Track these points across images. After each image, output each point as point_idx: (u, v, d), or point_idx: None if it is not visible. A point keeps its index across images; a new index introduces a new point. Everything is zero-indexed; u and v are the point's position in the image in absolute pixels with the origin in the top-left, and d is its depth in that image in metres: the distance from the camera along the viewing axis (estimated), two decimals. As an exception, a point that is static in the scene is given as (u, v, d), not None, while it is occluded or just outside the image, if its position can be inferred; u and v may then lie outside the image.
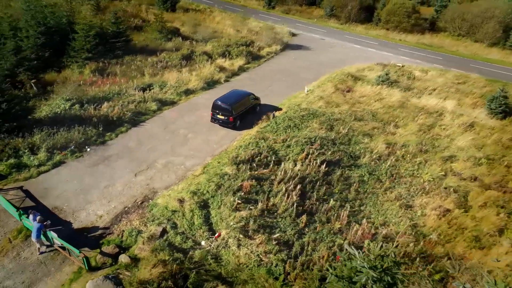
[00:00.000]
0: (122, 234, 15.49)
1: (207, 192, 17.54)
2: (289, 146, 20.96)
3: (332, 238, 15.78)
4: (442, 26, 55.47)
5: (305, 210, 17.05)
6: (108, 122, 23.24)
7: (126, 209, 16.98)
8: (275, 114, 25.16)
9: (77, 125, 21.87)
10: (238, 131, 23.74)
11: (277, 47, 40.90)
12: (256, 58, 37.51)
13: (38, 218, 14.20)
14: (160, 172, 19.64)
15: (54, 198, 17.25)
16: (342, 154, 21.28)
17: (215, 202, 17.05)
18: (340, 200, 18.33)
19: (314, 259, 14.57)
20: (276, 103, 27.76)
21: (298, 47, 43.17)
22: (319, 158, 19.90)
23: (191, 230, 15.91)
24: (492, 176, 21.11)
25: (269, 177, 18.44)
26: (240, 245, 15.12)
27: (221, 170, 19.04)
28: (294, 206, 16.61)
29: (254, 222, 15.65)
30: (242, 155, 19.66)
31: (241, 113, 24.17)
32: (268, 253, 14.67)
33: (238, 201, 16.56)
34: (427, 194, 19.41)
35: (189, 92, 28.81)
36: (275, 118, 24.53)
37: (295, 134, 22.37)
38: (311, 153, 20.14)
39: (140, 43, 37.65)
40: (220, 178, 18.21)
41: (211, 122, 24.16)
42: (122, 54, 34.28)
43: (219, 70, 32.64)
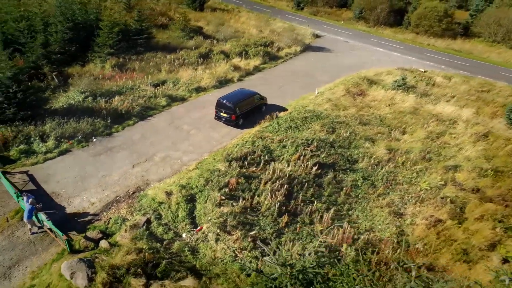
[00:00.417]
0: (109, 221, 16.29)
1: (196, 186, 18.04)
2: (284, 146, 21.08)
3: (310, 240, 15.81)
4: (476, 31, 53.20)
5: (288, 210, 17.15)
6: (117, 115, 24.31)
7: (118, 198, 17.80)
8: (278, 115, 25.28)
9: (86, 116, 23.07)
10: (240, 130, 24.10)
11: (297, 48, 40.89)
12: (273, 59, 37.72)
13: (30, 200, 15.23)
14: (156, 165, 20.37)
15: (54, 183, 18.36)
16: (339, 158, 21.12)
17: (202, 197, 17.52)
18: (328, 203, 18.26)
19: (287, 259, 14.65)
20: (284, 104, 27.89)
21: (320, 49, 42.92)
22: (312, 160, 19.87)
23: (174, 222, 16.46)
24: (496, 188, 20.22)
25: (258, 175, 18.67)
26: (218, 239, 15.49)
27: (214, 166, 19.49)
28: (276, 205, 16.74)
29: (233, 218, 15.97)
30: (236, 153, 20.00)
31: (245, 112, 24.50)
32: (243, 249, 14.96)
33: (222, 197, 16.93)
34: (422, 203, 18.92)
35: (200, 89, 29.52)
36: (278, 118, 24.67)
37: (295, 135, 22.42)
38: (304, 154, 20.14)
39: (163, 41, 38.85)
40: (210, 174, 18.67)
41: (215, 119, 24.67)
42: (144, 50, 35.55)
43: (234, 69, 33.14)
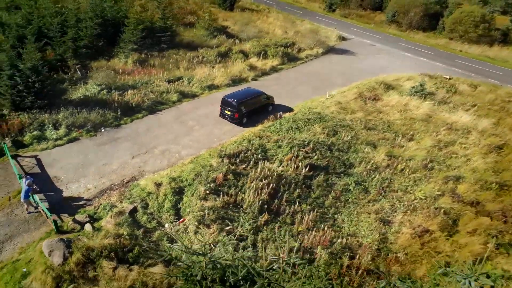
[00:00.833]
0: (99, 207, 17.25)
1: (186, 180, 18.66)
2: (280, 146, 21.22)
3: (285, 239, 15.93)
4: (516, 38, 50.34)
5: (271, 209, 17.34)
6: (127, 108, 25.47)
7: (112, 186, 18.77)
8: (282, 115, 25.42)
9: (98, 107, 24.37)
10: (243, 128, 24.47)
11: (319, 50, 40.64)
12: (292, 60, 37.75)
13: (28, 182, 16.45)
14: (155, 157, 21.20)
15: (58, 168, 19.64)
16: (334, 161, 20.99)
17: (190, 190, 18.10)
18: (314, 205, 18.27)
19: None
20: (292, 105, 27.96)
21: (343, 52, 42.40)
22: (305, 161, 19.90)
23: (159, 212, 17.15)
24: (497, 202, 19.30)
25: (248, 173, 18.98)
26: (197, 232, 16.00)
27: (208, 161, 20.02)
28: (258, 203, 17.00)
29: (213, 212, 16.40)
30: (229, 150, 20.41)
31: (249, 111, 24.86)
32: (216, 243, 15.33)
33: (207, 191, 17.42)
34: (413, 212, 18.44)
35: (212, 87, 30.21)
36: (281, 118, 24.81)
37: (293, 136, 22.50)
38: (297, 155, 20.21)
39: (187, 39, 39.98)
40: (202, 169, 19.21)
41: (220, 116, 25.22)
42: (167, 47, 36.78)
43: (249, 68, 33.55)
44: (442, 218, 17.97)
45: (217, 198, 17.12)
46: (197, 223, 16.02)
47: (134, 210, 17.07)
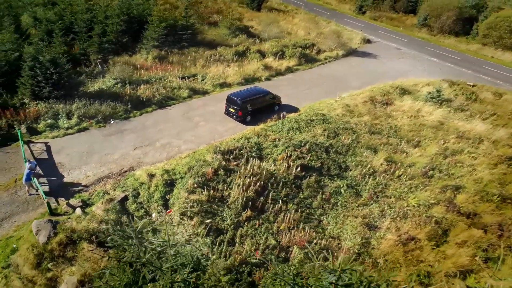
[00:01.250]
0: (93, 193, 18.20)
1: (179, 173, 19.27)
2: (276, 146, 21.37)
3: (264, 236, 16.14)
4: (557, 46, 47.30)
5: (256, 206, 17.59)
6: (138, 101, 26.52)
7: (110, 174, 19.71)
8: (285, 115, 25.51)
9: (110, 100, 25.55)
10: (246, 126, 24.81)
11: (339, 52, 40.24)
12: (310, 61, 37.62)
13: (29, 165, 17.69)
14: (155, 150, 22.00)
15: (64, 155, 20.87)
16: (330, 163, 20.88)
17: (181, 183, 18.68)
18: (302, 205, 18.32)
19: (233, 251, 15.25)
20: (300, 106, 27.96)
21: (365, 54, 41.72)
22: (297, 161, 19.96)
23: (149, 202, 17.87)
24: (496, 216, 18.49)
25: (239, 169, 19.31)
26: (180, 223, 16.56)
27: (203, 157, 20.55)
28: (243, 199, 17.29)
29: (197, 205, 16.88)
30: (226, 146, 20.83)
31: (254, 109, 25.17)
32: (196, 235, 15.83)
33: (195, 184, 17.93)
34: (402, 219, 18.05)
35: (224, 85, 30.77)
36: (284, 118, 24.93)
37: (292, 136, 22.58)
38: (290, 155, 20.30)
39: (209, 37, 40.86)
40: (196, 163, 19.76)
41: (225, 114, 25.70)
42: (187, 45, 37.71)
43: (264, 68, 33.83)
44: (432, 227, 17.48)
45: (203, 192, 17.58)
46: (180, 215, 16.55)
47: (125, 199, 17.88)
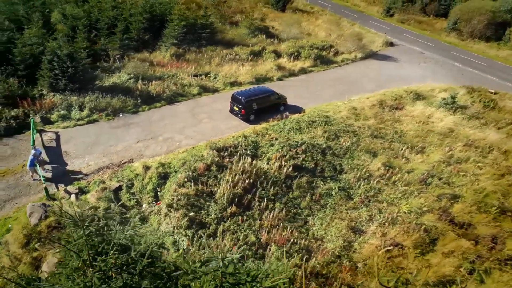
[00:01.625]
0: (91, 181, 19.14)
1: (173, 166, 19.89)
2: (272, 145, 21.55)
3: (245, 233, 16.41)
4: None
5: (242, 203, 17.88)
6: (148, 97, 27.46)
7: (110, 165, 20.64)
8: (288, 115, 25.61)
9: (121, 94, 26.62)
10: (249, 124, 25.14)
11: (357, 55, 39.71)
12: (326, 63, 37.38)
13: (33, 152, 18.85)
14: (157, 143, 22.77)
15: (71, 145, 22.03)
16: (325, 164, 20.83)
17: (175, 176, 19.28)
18: (290, 204, 18.44)
19: (213, 244, 15.64)
20: (308, 107, 27.94)
21: (384, 58, 40.94)
22: (290, 161, 20.07)
23: (141, 193, 18.59)
24: (492, 227, 17.83)
25: (231, 166, 19.67)
26: (167, 215, 17.14)
27: (200, 152, 21.07)
28: (229, 195, 17.64)
29: (184, 198, 17.40)
30: (223, 143, 21.25)
31: (258, 108, 25.48)
32: (179, 227, 16.34)
33: (185, 178, 18.46)
34: (391, 225, 17.77)
35: (235, 84, 31.23)
36: (286, 119, 25.04)
37: (291, 136, 22.68)
38: (283, 155, 20.42)
39: (228, 37, 41.47)
40: (191, 158, 20.31)
41: (230, 112, 26.15)
42: (206, 44, 38.46)
43: (278, 68, 34.00)
44: (420, 235, 17.11)
45: (191, 186, 18.08)
46: (167, 206, 17.13)
47: (119, 188, 18.69)
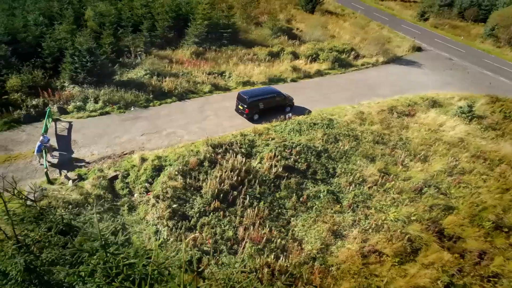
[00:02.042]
0: (91, 170, 20.30)
1: (169, 160, 20.67)
2: (267, 145, 21.81)
3: (224, 228, 16.84)
4: None
5: (227, 199, 18.32)
6: (161, 92, 28.54)
7: (112, 155, 21.75)
8: (291, 116, 25.70)
9: (135, 89, 27.87)
10: (252, 124, 25.46)
11: (379, 59, 38.92)
12: (344, 66, 36.96)
13: (41, 139, 20.28)
14: (160, 137, 23.68)
15: (80, 134, 23.41)
16: (318, 167, 20.83)
17: (168, 169, 20.05)
18: (275, 204, 18.66)
19: (190, 236, 16.20)
20: (314, 109, 27.85)
21: (408, 63, 39.82)
22: (281, 162, 20.26)
23: (134, 183, 19.50)
24: (481, 242, 17.14)
25: (222, 162, 20.16)
26: (154, 205, 17.92)
27: (197, 148, 21.73)
28: (214, 190, 18.14)
29: (171, 191, 18.09)
30: (220, 140, 21.79)
31: (262, 108, 25.79)
32: (162, 218, 17.04)
33: (175, 172, 19.17)
34: (374, 232, 17.54)
35: (248, 83, 31.69)
36: (288, 120, 25.16)
37: (288, 138, 22.83)
38: (277, 155, 20.63)
39: (251, 37, 42.01)
40: (187, 153, 21.00)
41: (235, 111, 26.64)
42: (227, 43, 39.25)
43: (293, 70, 34.05)
44: (403, 244, 16.79)
45: (181, 179, 18.75)
46: (154, 197, 17.91)
47: (115, 178, 19.72)
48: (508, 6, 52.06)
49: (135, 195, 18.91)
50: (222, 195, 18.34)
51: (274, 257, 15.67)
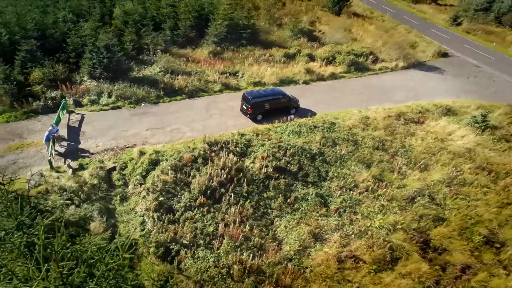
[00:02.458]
0: (92, 160, 21.43)
1: (166, 154, 21.44)
2: (263, 145, 22.08)
3: (205, 223, 17.33)
4: None
5: (214, 196, 18.80)
6: (172, 90, 29.48)
7: (115, 147, 22.81)
8: (293, 118, 25.78)
9: (148, 85, 28.97)
10: (255, 124, 25.74)
11: (399, 64, 38.03)
12: (361, 70, 36.44)
13: (50, 129, 21.64)
14: (163, 133, 24.54)
15: (90, 126, 24.71)
16: (311, 170, 20.88)
17: (163, 164, 20.81)
18: (262, 203, 18.93)
19: (171, 228, 16.83)
20: (320, 112, 27.76)
21: (430, 69, 38.63)
22: (273, 162, 20.49)
23: (130, 175, 20.41)
24: (467, 256, 16.59)
25: (214, 160, 20.66)
26: (144, 197, 18.72)
27: (195, 145, 22.37)
28: (202, 186, 18.68)
29: (162, 184, 18.81)
30: (218, 139, 22.31)
31: (266, 109, 26.08)
32: (148, 209, 17.78)
33: (169, 166, 19.88)
34: (357, 237, 17.42)
35: (259, 84, 32.03)
36: (289, 122, 25.26)
37: (286, 139, 22.98)
38: (270, 155, 20.86)
39: (271, 38, 42.29)
40: (184, 149, 21.69)
41: (240, 110, 27.09)
42: (246, 43, 39.74)
43: (306, 72, 34.02)
44: (384, 252, 16.59)
45: (172, 173, 19.44)
46: (145, 190, 18.71)
47: (113, 169, 20.73)
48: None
49: (129, 187, 19.80)
50: (209, 192, 18.85)
51: (250, 255, 15.97)
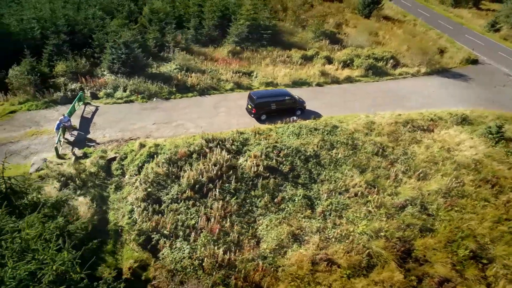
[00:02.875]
0: (96, 150, 22.65)
1: (165, 148, 22.26)
2: (259, 144, 22.35)
3: (188, 216, 17.91)
4: None
5: (202, 190, 19.35)
6: (184, 86, 30.42)
7: (120, 139, 23.96)
8: (296, 119, 25.80)
9: (161, 81, 30.05)
10: (258, 123, 26.08)
11: (421, 70, 36.85)
12: (379, 74, 35.66)
13: (60, 118, 23.11)
14: (168, 127, 25.43)
15: (101, 118, 26.07)
16: (302, 171, 20.93)
17: (159, 157, 21.63)
18: (248, 201, 19.25)
19: (153, 219, 17.57)
20: (326, 114, 27.56)
21: (454, 76, 37.12)
22: (265, 161, 20.73)
23: (129, 165, 21.41)
24: (449, 270, 16.05)
25: (207, 156, 21.21)
26: (137, 187, 19.62)
27: (195, 141, 23.04)
28: (190, 180, 19.28)
29: (153, 176, 19.62)
30: (216, 136, 22.87)
31: (270, 110, 26.33)
32: (137, 199, 18.63)
33: (163, 159, 20.67)
34: (336, 241, 17.33)
35: (271, 84, 32.28)
36: (291, 123, 25.31)
37: (285, 140, 23.12)
38: (263, 155, 21.11)
39: (293, 39, 42.35)
40: (182, 144, 22.43)
41: (245, 110, 27.50)
42: (266, 44, 40.07)
43: (321, 74, 33.82)
44: (361, 258, 16.42)
45: (164, 166, 20.20)
46: (138, 180, 19.60)
47: (113, 159, 21.82)
48: None
49: (126, 177, 20.79)
50: (198, 186, 19.43)
51: (225, 250, 16.36)
